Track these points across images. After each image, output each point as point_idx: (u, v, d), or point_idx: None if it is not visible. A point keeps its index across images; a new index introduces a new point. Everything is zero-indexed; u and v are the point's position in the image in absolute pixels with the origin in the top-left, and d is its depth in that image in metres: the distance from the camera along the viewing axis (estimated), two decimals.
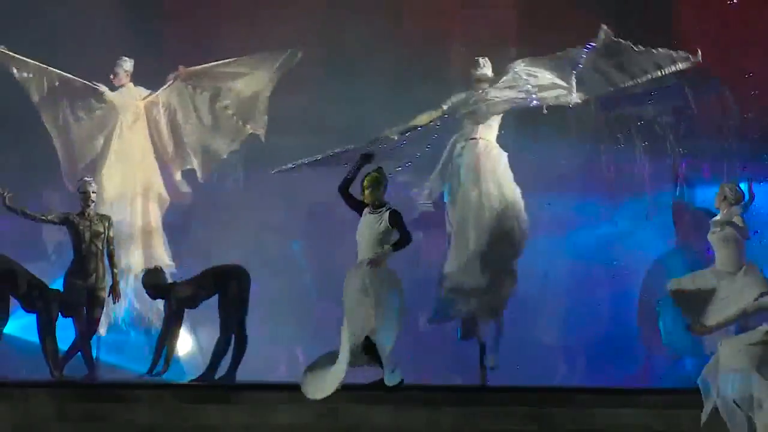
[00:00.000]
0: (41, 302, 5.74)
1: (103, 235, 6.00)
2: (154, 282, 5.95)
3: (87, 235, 5.91)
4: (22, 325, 6.55)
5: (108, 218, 6.10)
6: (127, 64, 6.78)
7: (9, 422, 4.69)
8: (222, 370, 5.79)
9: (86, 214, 5.95)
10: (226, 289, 5.76)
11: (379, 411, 4.77)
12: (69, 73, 6.75)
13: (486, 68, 5.83)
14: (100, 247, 5.99)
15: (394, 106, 6.50)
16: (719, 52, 6.38)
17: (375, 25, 7.30)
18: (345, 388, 4.69)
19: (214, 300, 5.85)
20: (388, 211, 4.88)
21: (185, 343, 6.71)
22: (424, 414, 4.79)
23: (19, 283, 5.71)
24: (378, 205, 4.93)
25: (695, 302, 5.07)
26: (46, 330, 5.75)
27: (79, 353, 5.97)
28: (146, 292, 6.05)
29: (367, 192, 4.96)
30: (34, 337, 6.24)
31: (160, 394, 5.26)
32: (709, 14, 7.23)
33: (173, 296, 5.84)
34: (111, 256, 6.11)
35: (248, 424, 4.72)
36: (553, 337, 7.01)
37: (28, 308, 5.90)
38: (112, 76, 6.79)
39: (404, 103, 6.37)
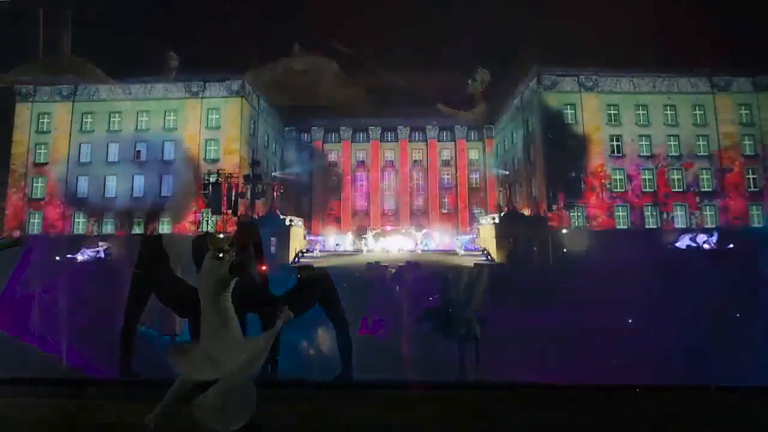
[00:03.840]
0: (191, 308, 5.90)
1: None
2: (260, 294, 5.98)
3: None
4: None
5: None
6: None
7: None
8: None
9: None
10: (321, 296, 5.73)
11: None
12: None
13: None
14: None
15: None
16: None
17: None
18: None
19: None
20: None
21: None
22: (548, 414, 4.90)
23: (167, 293, 5.94)
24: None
25: None
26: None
27: None
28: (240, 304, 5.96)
29: None
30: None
31: (296, 393, 5.34)
32: None
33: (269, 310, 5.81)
34: None
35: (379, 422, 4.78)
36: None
37: (181, 315, 6.09)
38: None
39: None
